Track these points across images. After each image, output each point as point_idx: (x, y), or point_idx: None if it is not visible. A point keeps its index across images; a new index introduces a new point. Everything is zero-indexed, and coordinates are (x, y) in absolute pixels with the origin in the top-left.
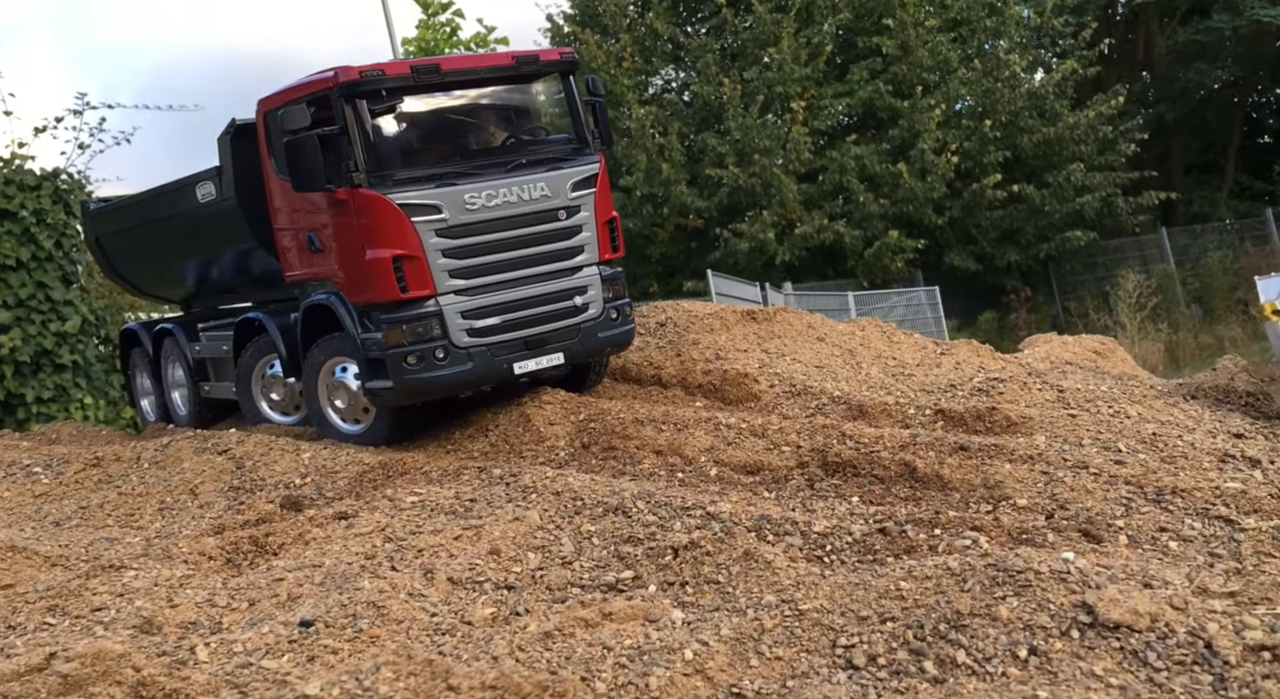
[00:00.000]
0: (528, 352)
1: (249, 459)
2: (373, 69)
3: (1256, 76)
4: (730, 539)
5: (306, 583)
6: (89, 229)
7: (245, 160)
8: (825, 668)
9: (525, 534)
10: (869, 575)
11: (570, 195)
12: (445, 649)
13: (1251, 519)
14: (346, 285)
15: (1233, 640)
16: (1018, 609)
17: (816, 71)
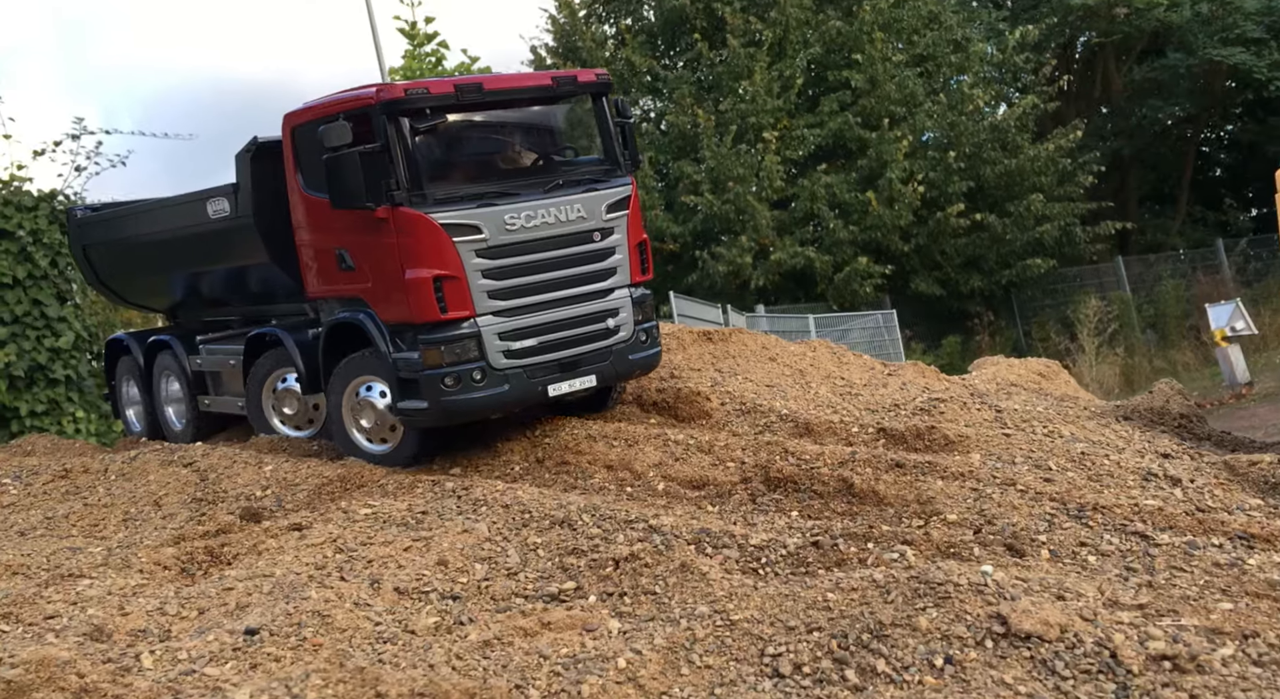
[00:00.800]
0: (561, 374)
1: (213, 471)
2: (417, 87)
3: (1208, 113)
4: (669, 552)
5: (256, 592)
6: (75, 237)
7: (264, 178)
8: (752, 676)
9: (473, 545)
10: (799, 587)
11: (605, 217)
12: (385, 657)
13: (1166, 535)
14: (380, 304)
15: (1136, 650)
16: (936, 620)
17: (788, 103)
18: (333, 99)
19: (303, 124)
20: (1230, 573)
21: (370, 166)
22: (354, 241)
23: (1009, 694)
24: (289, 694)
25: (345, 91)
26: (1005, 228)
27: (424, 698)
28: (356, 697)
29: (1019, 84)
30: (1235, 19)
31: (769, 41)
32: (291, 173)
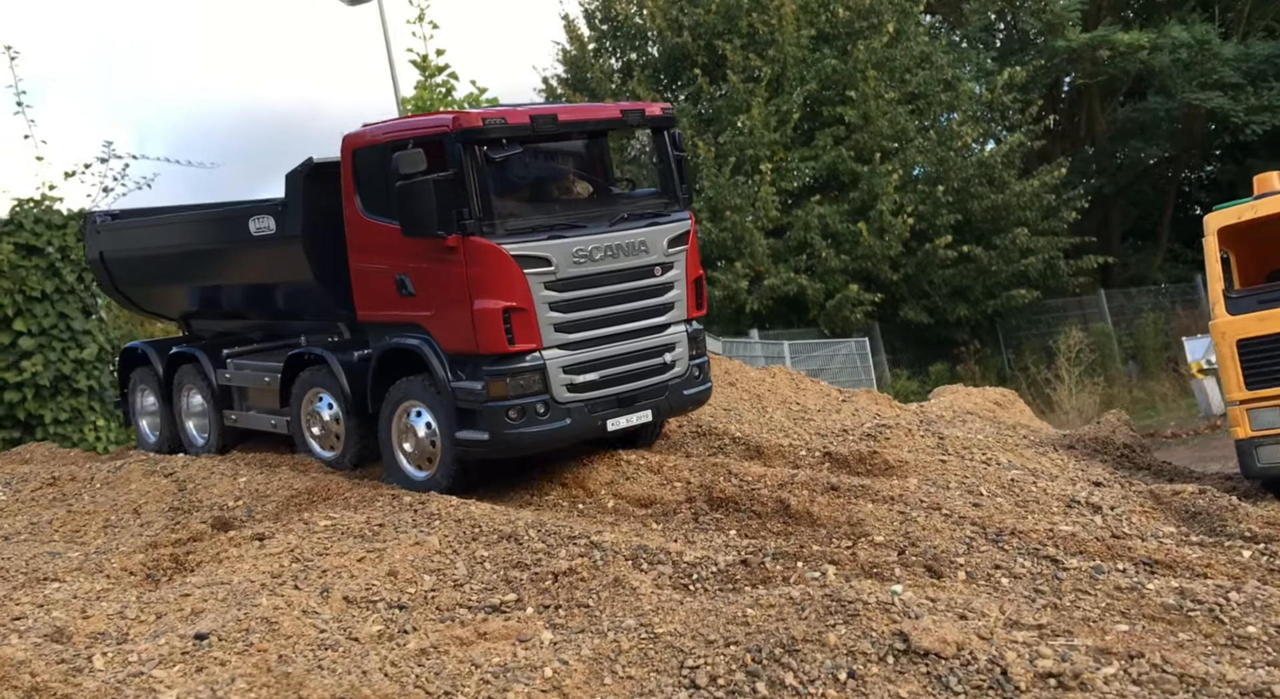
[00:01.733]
0: (620, 408)
1: (191, 482)
2: (494, 116)
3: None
4: (606, 567)
5: (211, 599)
6: (93, 243)
7: (316, 198)
8: (670, 687)
9: (424, 557)
10: (723, 603)
11: (666, 251)
12: (323, 663)
13: (1075, 560)
14: (441, 332)
15: (1026, 668)
16: (844, 636)
17: (785, 137)
18: (402, 125)
19: (365, 147)
20: (1130, 596)
21: (443, 195)
22: (417, 268)
23: None
24: (214, 696)
25: (415, 117)
26: (991, 260)
27: None
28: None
29: (1006, 122)
30: (1213, 64)
31: (767, 78)
32: (350, 195)
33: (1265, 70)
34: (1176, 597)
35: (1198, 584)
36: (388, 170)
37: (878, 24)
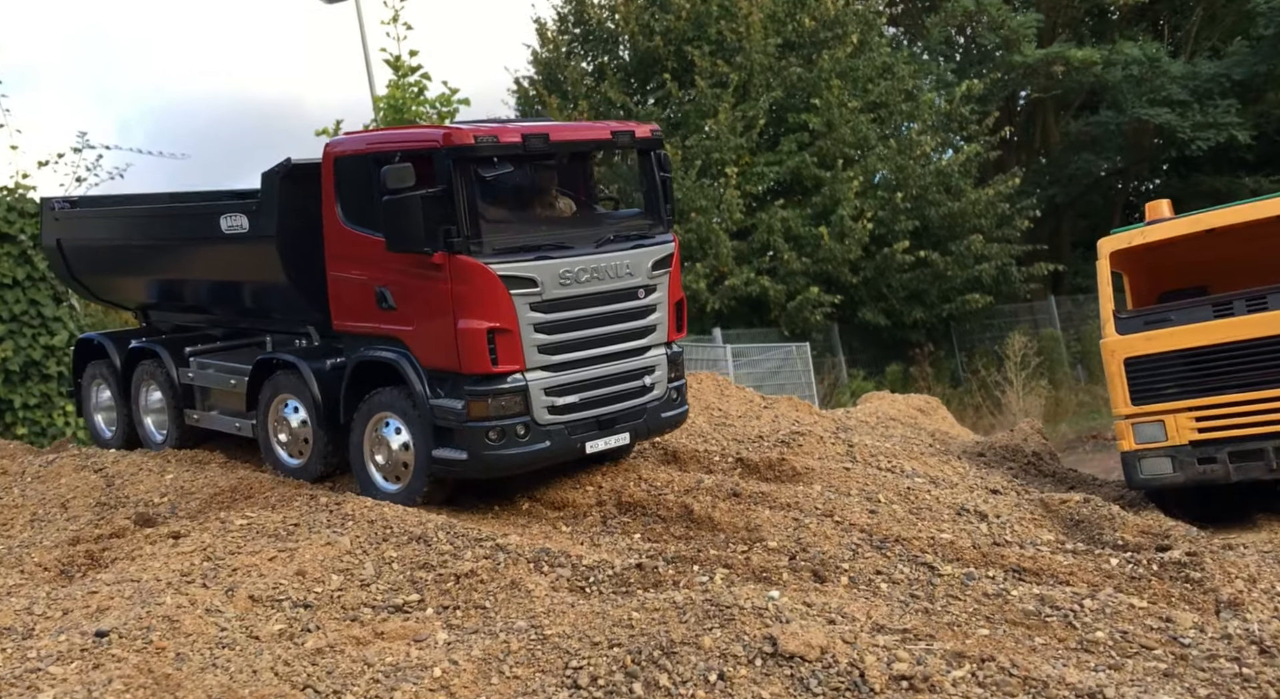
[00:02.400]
0: (599, 431)
1: (119, 478)
2: (486, 134)
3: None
4: (506, 569)
5: (118, 596)
6: (49, 230)
7: (293, 201)
8: (553, 687)
9: (334, 558)
10: (611, 606)
11: (650, 274)
12: (218, 661)
13: (950, 566)
14: (422, 349)
15: (882, 670)
16: (719, 639)
17: (750, 142)
18: (389, 136)
19: (347, 156)
20: (995, 602)
21: (430, 211)
22: (398, 282)
23: None
24: (88, 697)
25: (402, 129)
26: (947, 265)
27: None
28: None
29: (964, 133)
30: (1163, 82)
31: (734, 84)
32: (330, 203)
33: (1211, 88)
34: (1037, 603)
35: (1058, 591)
36: (370, 181)
37: (842, 35)
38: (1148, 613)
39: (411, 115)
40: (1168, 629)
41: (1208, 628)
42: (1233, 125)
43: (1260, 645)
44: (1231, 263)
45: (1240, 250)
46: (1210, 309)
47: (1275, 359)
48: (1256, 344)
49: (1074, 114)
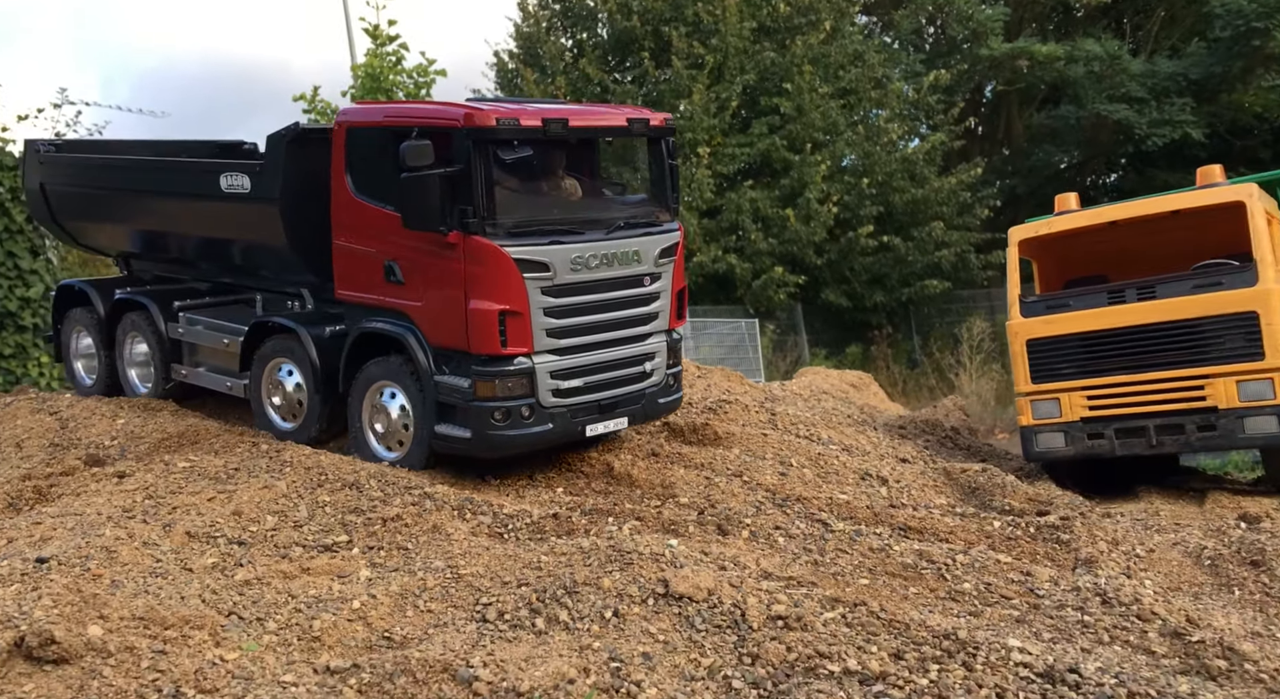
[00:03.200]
0: (600, 415)
1: (74, 421)
2: (508, 116)
3: (1095, 161)
4: (430, 514)
5: (60, 528)
6: (33, 172)
7: (299, 165)
8: (463, 620)
9: (270, 500)
10: (523, 550)
11: (657, 261)
12: (149, 588)
13: (843, 524)
14: (429, 325)
15: (762, 611)
16: (618, 581)
17: (723, 123)
18: (406, 111)
19: (361, 127)
20: (878, 556)
21: (447, 190)
22: (408, 257)
23: (649, 640)
24: (19, 611)
25: (421, 104)
26: (908, 250)
27: (141, 621)
28: (78, 616)
29: (930, 122)
30: (1122, 79)
31: (709, 66)
32: (340, 173)
33: (1168, 87)
34: (915, 557)
35: (936, 547)
36: (384, 154)
37: (816, 21)
38: (1011, 568)
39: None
40: (1026, 582)
41: (1061, 582)
42: (1187, 123)
43: (1103, 597)
44: (1131, 253)
45: (1139, 242)
46: (1105, 296)
47: (1158, 345)
48: (1143, 330)
49: (1037, 107)
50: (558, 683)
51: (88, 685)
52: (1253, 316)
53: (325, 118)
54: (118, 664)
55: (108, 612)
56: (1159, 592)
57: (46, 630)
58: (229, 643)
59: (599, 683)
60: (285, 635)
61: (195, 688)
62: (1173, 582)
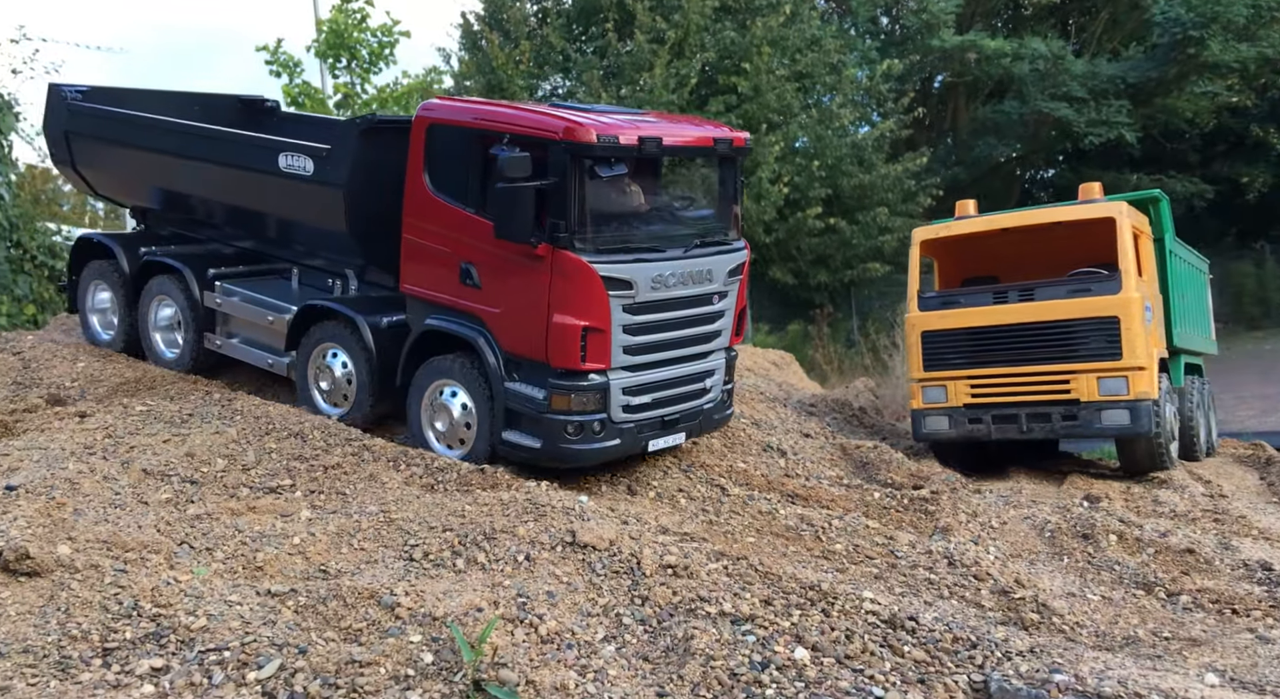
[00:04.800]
0: (662, 430)
1: (36, 362)
2: (608, 132)
3: (1035, 156)
4: (367, 464)
5: (27, 460)
6: (58, 118)
7: (369, 156)
8: (392, 559)
9: (221, 444)
10: (449, 499)
11: (725, 280)
12: (109, 517)
13: (738, 489)
14: (505, 333)
15: (654, 560)
16: (532, 530)
17: (681, 99)
18: (498, 115)
19: (445, 125)
20: (766, 518)
21: (541, 203)
22: (488, 262)
23: (554, 581)
24: None
25: (515, 109)
26: (853, 233)
27: (105, 543)
28: (49, 536)
29: (881, 110)
30: (1064, 78)
31: (671, 41)
32: (418, 169)
33: (1108, 88)
34: (797, 520)
35: (817, 513)
36: (468, 155)
37: (776, 4)
38: (879, 533)
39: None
40: (889, 545)
41: (919, 546)
42: (1122, 125)
43: (950, 560)
44: (1021, 257)
45: (1028, 248)
46: (991, 296)
47: (1034, 342)
48: (1020, 328)
49: (982, 101)
50: (469, 610)
51: (57, 596)
52: (1114, 321)
53: (287, 70)
54: (84, 579)
55: (75, 534)
56: (999, 557)
57: (22, 547)
58: (181, 567)
59: (506, 614)
60: (231, 564)
61: (152, 602)
62: (1015, 549)
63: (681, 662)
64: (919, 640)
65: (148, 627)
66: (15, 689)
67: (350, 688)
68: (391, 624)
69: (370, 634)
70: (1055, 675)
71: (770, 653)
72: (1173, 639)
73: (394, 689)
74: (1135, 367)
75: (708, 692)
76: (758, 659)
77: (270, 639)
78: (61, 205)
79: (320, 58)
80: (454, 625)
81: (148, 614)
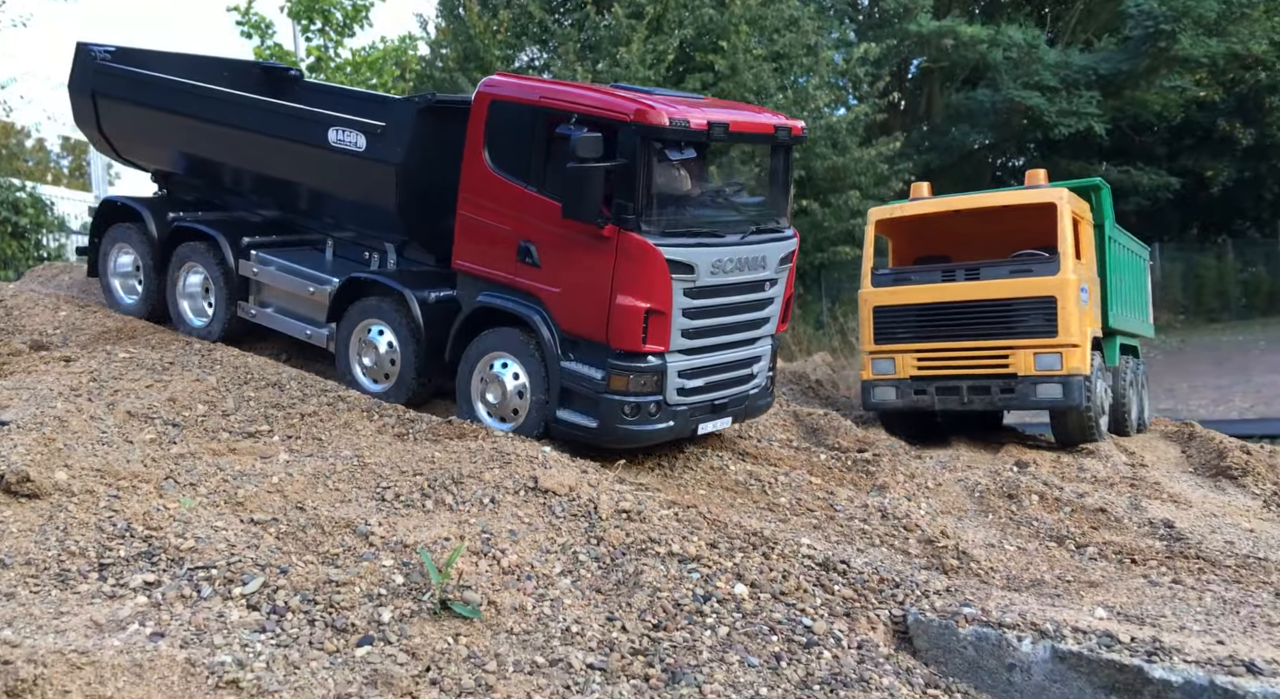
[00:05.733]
0: (711, 414)
1: (17, 309)
2: (680, 117)
3: (1006, 144)
4: (342, 413)
5: (17, 399)
6: (85, 78)
7: (427, 134)
8: (365, 498)
9: (202, 391)
10: (421, 447)
11: (777, 267)
12: (97, 452)
13: (692, 447)
14: (564, 312)
15: (610, 506)
16: (498, 476)
17: (658, 75)
18: (564, 94)
19: (509, 102)
20: (717, 473)
21: (610, 184)
22: (549, 241)
23: (517, 521)
24: None
25: (582, 90)
26: (825, 216)
27: (99, 472)
28: (47, 462)
29: (857, 93)
30: (1037, 67)
31: (649, 16)
32: (477, 144)
33: (1079, 79)
34: (746, 476)
35: (764, 469)
36: (533, 133)
37: None
38: (821, 489)
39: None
40: (829, 499)
41: (856, 501)
42: (1092, 116)
43: (884, 513)
44: (971, 238)
45: (977, 229)
46: (939, 274)
47: (977, 319)
48: (964, 305)
49: (957, 88)
50: (437, 540)
51: (56, 516)
52: (1052, 301)
53: (258, 32)
54: (80, 502)
55: (71, 462)
56: (929, 513)
57: (23, 470)
58: (169, 498)
59: (471, 546)
60: (214, 499)
61: (144, 525)
62: (945, 507)
63: (630, 593)
64: (849, 581)
65: (140, 546)
66: (20, 595)
67: (328, 603)
68: (366, 550)
69: (346, 558)
70: (964, 609)
71: (712, 588)
72: (1074, 582)
73: (367, 605)
74: (1069, 344)
75: (653, 618)
76: (700, 593)
77: (254, 560)
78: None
79: (293, 19)
80: (423, 551)
81: (140, 535)
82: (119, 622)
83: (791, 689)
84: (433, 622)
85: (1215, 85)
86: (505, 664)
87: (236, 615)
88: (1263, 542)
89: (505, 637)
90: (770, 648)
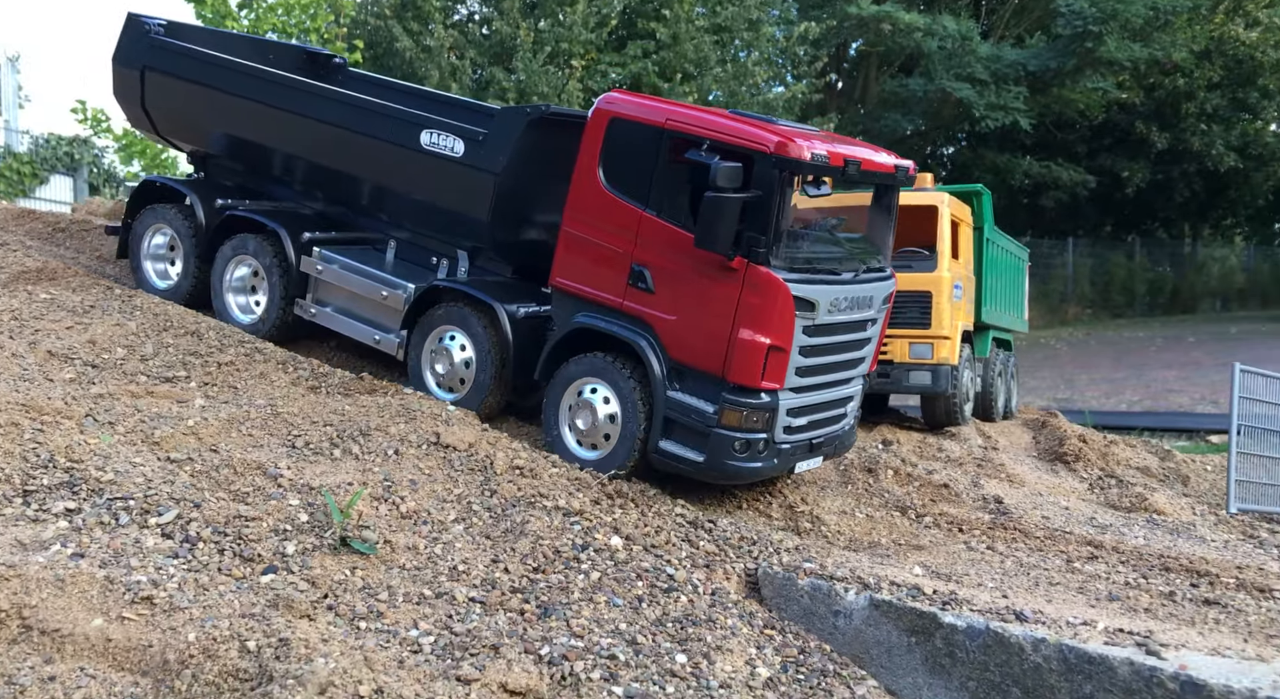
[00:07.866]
0: (808, 453)
1: None
2: (821, 153)
3: (936, 133)
4: (258, 364)
5: None
6: (135, 51)
7: (533, 147)
8: (276, 445)
9: (121, 335)
10: (332, 400)
11: (879, 307)
12: (19, 388)
13: None
14: (677, 342)
15: (505, 462)
16: (404, 430)
17: (600, 39)
18: (696, 120)
19: (631, 121)
20: None
21: (744, 215)
22: (667, 267)
23: (418, 473)
24: None
25: (715, 116)
26: None
27: (23, 406)
28: None
29: (795, 71)
30: (970, 59)
31: None
32: (591, 161)
33: (1009, 73)
34: None
35: None
36: (656, 154)
37: None
38: None
39: None
40: None
41: None
42: (1019, 111)
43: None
44: None
45: None
46: None
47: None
48: None
49: (892, 74)
50: (341, 485)
51: None
52: (927, 296)
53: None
54: (4, 433)
55: None
56: (795, 482)
57: None
58: (90, 434)
59: (373, 492)
60: (132, 437)
61: (65, 457)
62: (812, 477)
63: (516, 539)
64: (714, 538)
65: (62, 476)
66: None
67: (237, 536)
68: (274, 490)
69: (255, 497)
70: (805, 564)
71: (591, 538)
72: (905, 546)
73: (273, 539)
74: (941, 336)
75: (533, 562)
76: (579, 542)
77: (169, 494)
78: None
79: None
80: (328, 493)
81: (62, 466)
82: (42, 542)
83: (647, 626)
84: (332, 556)
85: (1136, 88)
86: (396, 595)
87: (152, 542)
88: (1073, 518)
89: (398, 572)
90: (635, 591)
